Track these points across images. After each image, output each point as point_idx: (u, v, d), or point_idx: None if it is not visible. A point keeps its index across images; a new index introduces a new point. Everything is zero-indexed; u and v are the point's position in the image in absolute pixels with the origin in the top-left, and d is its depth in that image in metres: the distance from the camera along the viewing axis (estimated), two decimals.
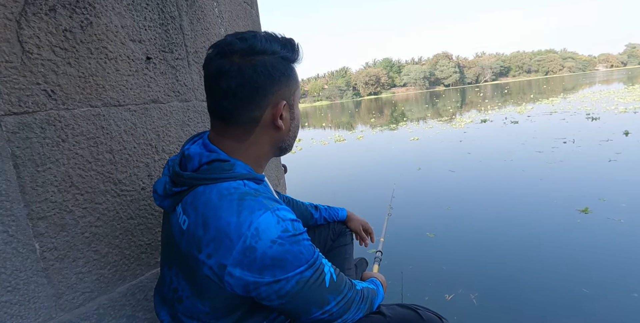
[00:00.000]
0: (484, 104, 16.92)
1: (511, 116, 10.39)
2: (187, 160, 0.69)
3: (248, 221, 0.57)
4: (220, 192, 0.62)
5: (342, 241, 1.27)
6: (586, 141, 5.54)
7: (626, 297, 1.75)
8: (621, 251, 2.18)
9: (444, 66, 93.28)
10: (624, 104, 10.18)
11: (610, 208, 2.84)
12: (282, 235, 0.58)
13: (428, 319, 0.80)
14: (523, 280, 2.00)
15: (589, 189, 3.35)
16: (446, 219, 3.08)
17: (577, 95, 16.39)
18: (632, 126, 6.37)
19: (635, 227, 2.48)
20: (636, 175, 3.64)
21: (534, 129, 7.47)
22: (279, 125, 0.70)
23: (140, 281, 0.97)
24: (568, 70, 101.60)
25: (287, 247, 0.58)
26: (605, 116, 8.06)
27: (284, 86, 0.69)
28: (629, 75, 38.55)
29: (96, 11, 0.88)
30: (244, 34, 0.67)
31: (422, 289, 2.02)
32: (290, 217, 0.62)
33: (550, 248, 2.32)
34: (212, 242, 0.59)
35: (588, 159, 4.51)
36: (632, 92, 14.28)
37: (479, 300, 1.86)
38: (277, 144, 0.74)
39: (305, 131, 14.12)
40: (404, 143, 7.74)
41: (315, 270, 0.62)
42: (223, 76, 0.65)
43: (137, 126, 0.97)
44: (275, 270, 0.58)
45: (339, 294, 0.67)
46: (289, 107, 0.72)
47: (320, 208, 1.29)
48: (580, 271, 2.01)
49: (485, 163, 4.97)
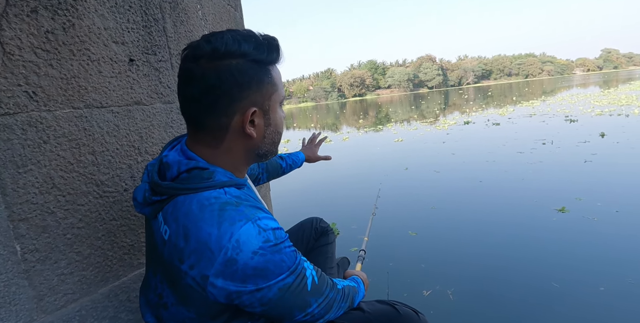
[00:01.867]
0: (468, 106, 17.23)
1: (493, 118, 10.61)
2: (166, 168, 0.68)
3: (229, 233, 0.57)
4: (201, 202, 0.61)
5: (325, 240, 1.30)
6: (564, 143, 5.71)
7: (594, 291, 1.84)
8: (592, 248, 2.27)
9: (428, 68, 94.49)
10: (599, 107, 10.52)
11: (586, 207, 2.95)
12: (264, 245, 0.58)
13: (405, 314, 0.83)
14: (497, 276, 2.07)
15: (567, 189, 3.46)
16: (429, 218, 3.14)
17: (556, 98, 16.84)
18: (607, 128, 6.59)
19: (608, 225, 2.58)
20: (611, 175, 3.78)
21: (514, 130, 7.66)
22: (249, 133, 0.67)
23: (123, 282, 0.97)
24: (547, 73, 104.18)
25: (268, 257, 0.58)
26: (583, 119, 8.31)
27: (255, 92, 0.66)
28: (605, 79, 39.81)
29: (78, 13, 0.88)
30: (211, 36, 0.64)
31: (402, 286, 2.06)
32: (272, 226, 0.61)
33: (526, 246, 2.40)
34: (193, 254, 0.58)
35: (566, 160, 4.65)
36: (608, 95, 14.76)
37: (455, 295, 1.92)
38: (253, 151, 0.72)
39: (293, 132, 14.12)
40: (388, 145, 7.83)
41: (297, 276, 0.63)
42: (188, 81, 0.64)
43: (120, 127, 0.97)
44: (258, 279, 0.59)
45: (320, 296, 0.68)
46: (262, 113, 0.68)
47: (284, 156, 1.37)
48: (551, 267, 2.09)
49: (468, 164, 5.07)
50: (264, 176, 1.24)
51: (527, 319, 1.68)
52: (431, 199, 3.66)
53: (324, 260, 1.25)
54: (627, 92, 15.17)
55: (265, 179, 1.26)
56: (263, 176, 1.24)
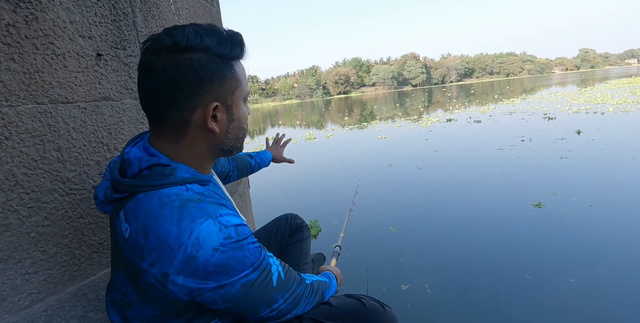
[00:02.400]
0: (451, 104, 17.46)
1: (475, 115, 10.78)
2: (127, 165, 0.66)
3: (189, 230, 0.57)
4: (161, 199, 0.60)
5: (299, 236, 1.30)
6: (542, 140, 5.84)
7: (565, 282, 1.90)
8: (565, 242, 2.34)
9: (412, 66, 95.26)
10: (576, 105, 10.80)
11: (561, 201, 3.03)
12: (225, 242, 0.58)
13: (371, 307, 0.84)
14: (474, 270, 2.12)
15: (543, 185, 3.55)
16: (411, 214, 3.18)
17: (536, 96, 17.22)
18: (583, 125, 6.78)
19: (580, 219, 2.66)
20: (585, 171, 3.89)
21: (495, 128, 7.80)
22: (211, 127, 0.67)
23: (92, 281, 0.96)
24: (527, 72, 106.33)
25: (230, 253, 0.58)
26: (561, 116, 8.52)
27: (217, 86, 0.65)
28: (582, 78, 40.89)
29: (42, 6, 0.86)
30: (173, 29, 0.63)
31: (381, 280, 2.09)
32: (235, 222, 0.61)
33: (502, 241, 2.46)
34: (153, 251, 0.58)
35: (543, 156, 4.77)
36: (584, 94, 15.17)
37: (433, 289, 1.96)
38: (217, 146, 0.71)
39: (279, 129, 14.06)
40: (372, 142, 7.88)
41: (261, 272, 0.63)
42: (148, 75, 0.63)
43: (87, 123, 0.95)
44: (219, 275, 0.58)
45: (287, 291, 0.68)
46: (224, 108, 0.68)
47: (253, 155, 1.39)
48: (526, 261, 2.15)
49: (450, 160, 5.14)
50: (234, 174, 1.24)
51: (501, 310, 1.72)
52: (413, 195, 3.70)
53: (299, 255, 1.26)
54: (602, 91, 15.63)
55: (236, 177, 1.26)
56: (234, 174, 1.24)
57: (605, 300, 1.71)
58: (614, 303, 1.68)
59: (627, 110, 8.27)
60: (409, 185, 4.14)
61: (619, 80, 25.02)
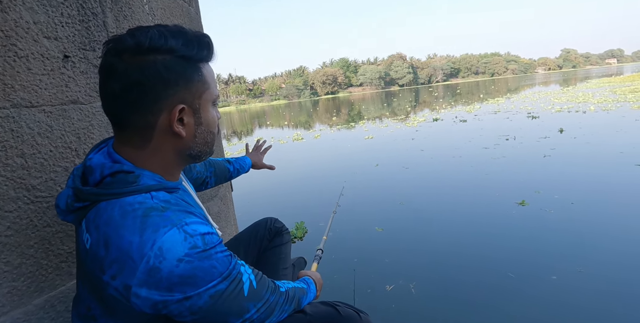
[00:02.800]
0: (438, 103, 17.62)
1: (461, 115, 10.90)
2: (89, 172, 0.64)
3: (151, 240, 0.54)
4: (123, 208, 0.58)
5: (279, 240, 1.27)
6: (526, 138, 5.93)
7: (546, 280, 1.92)
8: (547, 240, 2.37)
9: (399, 66, 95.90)
10: (559, 104, 11.01)
11: (544, 199, 3.06)
12: (190, 252, 0.55)
13: (346, 315, 0.83)
14: (458, 269, 2.13)
15: (527, 183, 3.59)
16: (397, 214, 3.18)
17: (520, 95, 17.50)
18: (566, 124, 6.90)
19: (562, 217, 2.69)
20: (568, 168, 3.95)
21: (480, 127, 7.89)
22: (177, 131, 0.64)
23: (61, 291, 0.92)
24: (511, 72, 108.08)
25: (196, 264, 0.56)
26: (544, 115, 8.67)
27: (183, 89, 0.63)
28: (564, 77, 41.74)
29: (3, 5, 0.82)
30: (136, 30, 0.61)
31: (366, 281, 2.08)
32: (202, 231, 0.58)
33: (486, 240, 2.48)
34: (114, 263, 0.55)
35: (527, 154, 4.83)
36: (567, 93, 15.48)
37: (417, 289, 1.96)
38: (184, 151, 0.69)
39: (266, 130, 13.99)
40: (359, 142, 7.89)
41: (231, 282, 0.60)
42: (110, 77, 0.61)
43: (54, 128, 0.91)
44: (185, 287, 0.56)
45: (259, 300, 0.66)
46: (191, 111, 0.66)
47: (231, 161, 1.35)
48: (509, 259, 2.17)
49: (436, 159, 5.18)
50: (211, 180, 1.20)
51: (484, 309, 1.73)
52: (399, 195, 3.71)
53: (278, 260, 1.23)
54: (584, 90, 15.97)
55: (213, 184, 1.23)
56: (211, 180, 1.20)
57: (585, 297, 1.73)
58: (593, 300, 1.70)
59: (607, 109, 8.45)
60: (395, 185, 4.15)
61: (599, 79, 25.61)
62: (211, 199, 1.69)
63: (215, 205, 1.72)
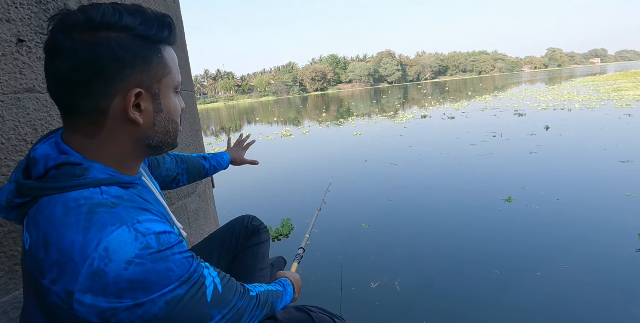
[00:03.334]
0: (427, 100, 17.70)
1: (449, 112, 10.94)
2: (32, 164, 0.57)
3: (96, 240, 0.48)
4: (67, 204, 0.51)
5: (256, 239, 1.20)
6: (513, 135, 5.96)
7: (531, 276, 1.90)
8: (532, 236, 2.36)
9: (388, 63, 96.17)
10: (545, 101, 11.14)
11: (530, 196, 3.06)
12: (141, 253, 0.49)
13: (320, 321, 0.77)
14: (443, 266, 2.10)
15: (514, 179, 3.59)
16: (384, 210, 3.14)
17: (507, 93, 17.68)
18: (551, 121, 6.97)
19: (548, 213, 2.69)
20: (553, 165, 3.97)
21: (468, 124, 7.92)
22: (133, 118, 0.58)
23: (15, 296, 0.84)
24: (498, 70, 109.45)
25: (148, 266, 0.49)
26: (530, 112, 8.75)
27: (140, 71, 0.57)
28: (550, 76, 42.42)
29: None
30: (87, 5, 0.55)
31: (351, 278, 2.04)
32: (157, 229, 0.52)
33: (472, 236, 2.46)
34: (55, 266, 0.49)
35: (514, 151, 4.85)
36: (552, 91, 15.69)
37: (402, 286, 1.93)
38: (142, 141, 0.62)
39: (255, 127, 13.86)
40: (347, 138, 7.84)
41: (191, 286, 0.54)
42: (55, 56, 0.54)
43: (6, 118, 0.83)
44: (136, 292, 0.49)
45: (225, 306, 0.60)
46: (149, 96, 0.60)
47: (208, 157, 1.26)
48: (494, 255, 2.15)
49: (424, 156, 5.16)
50: (183, 177, 1.12)
51: (468, 304, 1.70)
52: (387, 191, 3.67)
53: (254, 260, 1.16)
54: (569, 89, 16.21)
55: (186, 181, 1.15)
56: (183, 177, 1.12)
57: (569, 293, 1.72)
58: (577, 296, 1.69)
59: (591, 107, 8.57)
60: (383, 181, 4.11)
61: (584, 78, 26.06)
62: (188, 195, 1.62)
63: (193, 201, 1.65)
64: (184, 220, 1.54)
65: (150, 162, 0.96)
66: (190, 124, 1.58)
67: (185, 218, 1.56)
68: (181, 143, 1.45)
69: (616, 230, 2.31)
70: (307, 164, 5.59)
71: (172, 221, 0.71)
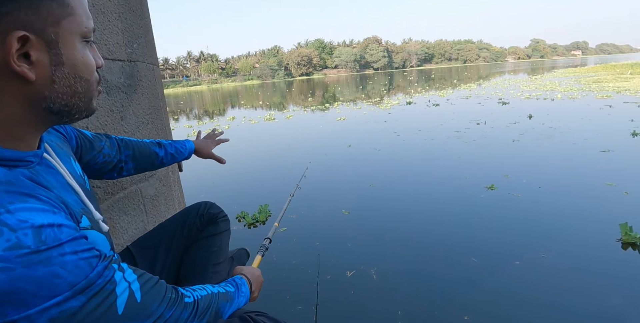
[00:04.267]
0: (413, 87, 17.67)
1: (434, 99, 10.94)
2: None
3: None
4: None
5: (212, 229, 1.04)
6: (497, 123, 5.98)
7: (509, 265, 1.88)
8: (512, 224, 2.34)
9: (374, 49, 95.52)
10: (528, 91, 11.26)
11: (513, 184, 3.06)
12: (8, 254, 0.37)
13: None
14: (422, 254, 2.06)
15: (497, 167, 3.59)
16: (366, 196, 3.09)
17: (491, 82, 17.81)
18: (534, 110, 7.03)
19: (529, 201, 2.69)
20: (536, 153, 3.99)
21: (452, 111, 7.93)
22: (20, 72, 0.44)
23: None
24: (483, 60, 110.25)
25: (19, 272, 0.37)
26: (514, 101, 8.81)
27: (26, 9, 0.43)
28: (532, 67, 42.99)
29: None
30: None
31: (326, 267, 1.98)
32: (38, 222, 0.40)
33: (452, 224, 2.43)
34: None
35: (497, 139, 4.86)
36: (535, 81, 15.89)
37: (378, 274, 1.88)
38: (38, 104, 0.48)
39: (238, 111, 13.58)
40: (331, 123, 7.74)
41: (92, 296, 0.43)
42: None
43: None
44: (6, 307, 0.37)
45: (147, 318, 0.49)
46: (43, 44, 0.46)
47: (165, 143, 1.07)
48: (473, 244, 2.12)
49: (408, 142, 5.13)
50: (128, 165, 0.94)
51: (443, 294, 1.67)
52: (370, 177, 3.62)
53: (208, 254, 1.00)
54: (551, 79, 16.45)
55: (132, 170, 0.97)
56: (127, 165, 0.94)
57: (547, 282, 1.70)
58: (556, 284, 1.68)
59: (573, 97, 8.69)
60: (366, 167, 4.06)
61: (565, 69, 26.49)
62: (145, 180, 1.45)
63: (152, 186, 1.47)
64: (139, 207, 1.39)
65: (80, 142, 0.79)
66: (150, 100, 1.40)
67: (141, 204, 1.41)
68: (135, 121, 1.22)
69: (597, 219, 2.32)
70: (288, 149, 5.49)
71: (87, 210, 0.58)
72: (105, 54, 1.00)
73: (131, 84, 1.12)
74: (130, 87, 1.11)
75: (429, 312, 1.55)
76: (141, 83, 1.16)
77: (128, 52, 1.09)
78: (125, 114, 1.09)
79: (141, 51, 1.20)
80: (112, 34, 1.01)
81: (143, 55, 1.21)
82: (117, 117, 1.07)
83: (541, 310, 1.51)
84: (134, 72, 1.14)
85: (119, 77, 1.06)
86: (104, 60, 0.89)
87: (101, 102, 1.00)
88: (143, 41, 1.19)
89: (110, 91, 1.03)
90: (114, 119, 1.06)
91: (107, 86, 1.01)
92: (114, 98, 1.04)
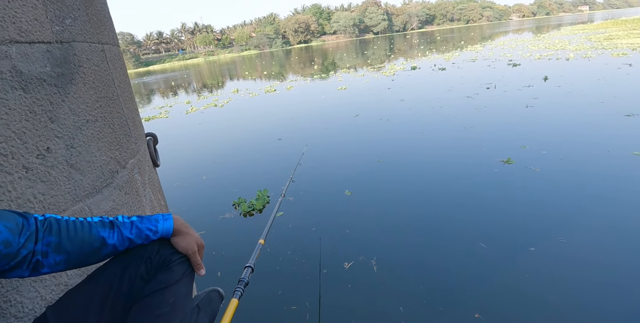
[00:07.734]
0: (419, 50, 17.02)
1: (439, 63, 10.49)
2: None
3: None
4: None
5: (163, 279, 0.70)
6: (509, 87, 5.67)
7: (522, 252, 1.69)
8: (528, 204, 2.13)
9: (373, 13, 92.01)
10: (537, 51, 10.74)
11: (531, 155, 2.84)
12: None
13: None
14: (428, 241, 1.90)
15: (512, 137, 3.36)
16: (372, 174, 2.92)
17: (496, 42, 17.12)
18: (548, 72, 6.66)
19: (549, 176, 2.45)
20: (554, 120, 3.74)
21: (460, 75, 7.56)
22: None
23: None
24: (486, 19, 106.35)
25: None
26: (525, 63, 8.40)
27: None
28: (537, 25, 41.35)
29: None
30: None
31: (323, 257, 1.85)
32: None
33: (462, 205, 2.24)
34: None
35: (510, 104, 4.59)
36: (541, 40, 15.21)
37: (379, 265, 1.73)
38: None
39: (237, 83, 13.21)
40: (331, 93, 7.43)
41: None
42: None
43: None
44: None
45: None
46: None
47: (120, 222, 0.70)
48: (484, 227, 1.95)
49: (415, 111, 4.88)
50: (50, 258, 0.60)
51: (449, 292, 1.51)
52: (378, 151, 3.43)
53: (154, 319, 0.65)
54: (559, 37, 15.73)
55: (61, 265, 0.61)
56: (49, 259, 0.60)
57: (566, 274, 1.51)
58: (576, 278, 1.49)
59: (587, 56, 8.26)
60: (374, 140, 3.85)
61: (573, 27, 25.39)
62: (98, 191, 0.94)
63: (107, 199, 0.96)
64: None
65: None
66: (98, 90, 0.94)
67: None
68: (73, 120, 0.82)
69: (625, 199, 2.06)
70: (285, 124, 5.25)
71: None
72: (15, 35, 0.63)
73: (64, 73, 0.74)
74: (62, 77, 0.74)
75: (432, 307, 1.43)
76: (82, 70, 0.81)
77: (56, 30, 0.74)
78: (57, 113, 0.71)
79: (80, 27, 0.83)
80: (24, 6, 0.65)
81: (83, 32, 0.83)
82: (42, 119, 0.66)
83: (557, 307, 1.35)
84: (68, 56, 0.77)
85: (41, 66, 0.68)
86: (13, 44, 0.65)
87: (12, 103, 0.70)
88: (83, 14, 0.82)
89: (27, 86, 0.65)
90: (37, 123, 0.65)
91: (22, 79, 0.64)
92: (34, 95, 0.66)
